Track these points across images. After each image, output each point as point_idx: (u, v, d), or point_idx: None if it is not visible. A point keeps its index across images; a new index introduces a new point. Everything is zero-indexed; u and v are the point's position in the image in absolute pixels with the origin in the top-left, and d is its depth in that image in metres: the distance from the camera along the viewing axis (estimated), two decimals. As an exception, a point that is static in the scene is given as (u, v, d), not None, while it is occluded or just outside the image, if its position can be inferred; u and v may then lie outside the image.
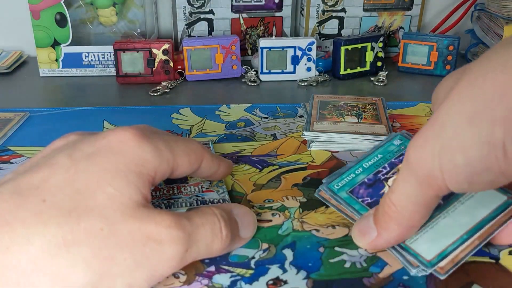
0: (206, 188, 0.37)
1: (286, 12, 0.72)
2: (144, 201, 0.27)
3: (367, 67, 0.66)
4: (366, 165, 0.35)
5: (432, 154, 0.25)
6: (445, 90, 0.28)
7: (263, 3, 0.71)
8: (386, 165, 0.35)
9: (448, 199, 0.31)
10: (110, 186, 0.26)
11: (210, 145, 0.45)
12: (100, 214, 0.25)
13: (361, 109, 0.49)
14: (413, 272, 0.29)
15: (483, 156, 0.23)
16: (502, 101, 0.23)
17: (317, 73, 0.65)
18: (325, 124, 0.46)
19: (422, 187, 0.26)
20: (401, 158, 0.35)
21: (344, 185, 0.34)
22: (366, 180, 0.34)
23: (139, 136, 0.29)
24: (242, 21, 0.71)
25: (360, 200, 0.33)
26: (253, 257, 0.31)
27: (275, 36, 0.72)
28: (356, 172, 0.35)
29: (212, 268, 0.30)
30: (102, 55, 0.66)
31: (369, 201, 0.33)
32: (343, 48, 0.63)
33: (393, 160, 0.35)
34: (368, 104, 0.50)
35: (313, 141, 0.45)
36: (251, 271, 0.30)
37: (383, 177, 0.34)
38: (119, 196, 0.26)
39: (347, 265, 0.30)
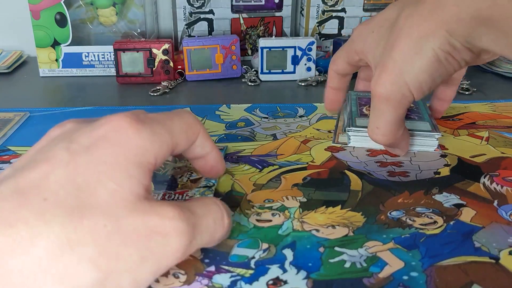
0: (190, 197, 0.37)
1: (286, 12, 0.72)
2: (145, 193, 0.27)
3: (367, 67, 0.66)
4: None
5: (400, 84, 0.35)
6: (375, 44, 0.38)
7: (263, 3, 0.71)
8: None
9: None
10: (111, 181, 0.26)
11: (223, 151, 0.43)
12: (102, 211, 0.25)
13: None
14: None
15: (437, 67, 0.34)
16: (430, 23, 0.33)
17: (317, 73, 0.65)
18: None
19: (397, 109, 0.37)
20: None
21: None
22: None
23: (136, 123, 0.28)
24: (242, 21, 0.71)
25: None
26: (253, 257, 0.31)
27: (275, 36, 0.72)
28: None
29: (212, 268, 0.30)
30: (102, 55, 0.66)
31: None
32: (343, 48, 0.63)
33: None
34: None
35: (352, 136, 0.45)
36: (251, 271, 0.30)
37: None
38: (120, 191, 0.26)
39: (347, 265, 0.30)
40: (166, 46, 0.62)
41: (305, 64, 0.64)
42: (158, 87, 0.61)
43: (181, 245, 0.26)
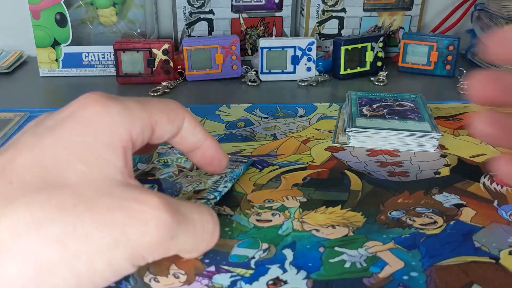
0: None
1: (286, 12, 0.72)
2: (122, 176, 0.26)
3: (367, 67, 0.66)
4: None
5: None
6: None
7: (263, 3, 0.71)
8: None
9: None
10: (79, 162, 0.25)
11: (244, 166, 0.41)
12: (73, 191, 0.24)
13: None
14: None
15: None
16: None
17: (317, 73, 0.65)
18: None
19: None
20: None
21: None
22: None
23: (104, 99, 0.27)
24: (242, 21, 0.71)
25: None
26: (253, 257, 0.31)
27: (275, 36, 0.72)
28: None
29: (212, 268, 0.30)
30: (102, 55, 0.66)
31: None
32: (343, 48, 0.63)
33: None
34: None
35: (352, 136, 0.45)
36: (251, 271, 0.30)
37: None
38: (90, 174, 0.25)
39: (347, 265, 0.30)
40: (166, 46, 0.62)
41: (305, 64, 0.64)
42: (158, 87, 0.61)
43: (160, 237, 0.25)
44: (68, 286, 0.24)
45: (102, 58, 0.66)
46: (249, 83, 0.63)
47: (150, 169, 0.40)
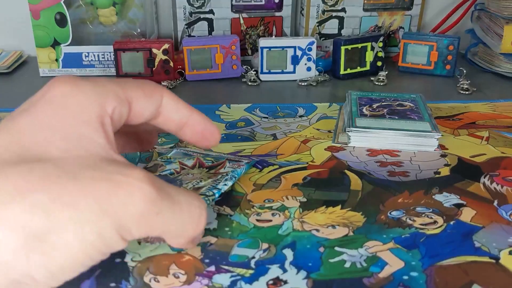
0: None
1: (286, 12, 0.72)
2: (105, 153, 0.26)
3: (367, 67, 0.66)
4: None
5: None
6: None
7: (263, 3, 0.71)
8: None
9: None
10: (60, 140, 0.25)
11: (246, 166, 0.41)
12: (55, 164, 0.24)
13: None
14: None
15: None
16: None
17: (317, 73, 0.65)
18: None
19: None
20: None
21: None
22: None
23: (74, 78, 0.27)
24: (242, 21, 0.71)
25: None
26: (253, 257, 0.31)
27: (275, 36, 0.72)
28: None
29: (212, 268, 0.30)
30: (102, 55, 0.66)
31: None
32: (343, 48, 0.63)
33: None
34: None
35: (352, 136, 0.45)
36: (251, 271, 0.30)
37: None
38: (73, 151, 0.25)
39: (347, 265, 0.30)
40: (166, 46, 0.62)
41: (305, 64, 0.64)
42: (158, 87, 0.61)
43: (145, 209, 0.24)
44: (61, 257, 0.23)
45: (102, 58, 0.66)
46: (249, 83, 0.63)
47: (152, 165, 0.40)
